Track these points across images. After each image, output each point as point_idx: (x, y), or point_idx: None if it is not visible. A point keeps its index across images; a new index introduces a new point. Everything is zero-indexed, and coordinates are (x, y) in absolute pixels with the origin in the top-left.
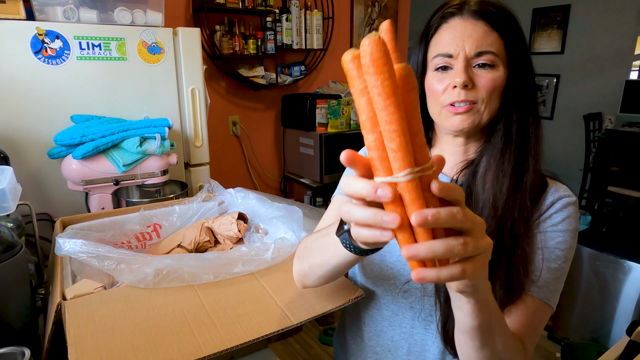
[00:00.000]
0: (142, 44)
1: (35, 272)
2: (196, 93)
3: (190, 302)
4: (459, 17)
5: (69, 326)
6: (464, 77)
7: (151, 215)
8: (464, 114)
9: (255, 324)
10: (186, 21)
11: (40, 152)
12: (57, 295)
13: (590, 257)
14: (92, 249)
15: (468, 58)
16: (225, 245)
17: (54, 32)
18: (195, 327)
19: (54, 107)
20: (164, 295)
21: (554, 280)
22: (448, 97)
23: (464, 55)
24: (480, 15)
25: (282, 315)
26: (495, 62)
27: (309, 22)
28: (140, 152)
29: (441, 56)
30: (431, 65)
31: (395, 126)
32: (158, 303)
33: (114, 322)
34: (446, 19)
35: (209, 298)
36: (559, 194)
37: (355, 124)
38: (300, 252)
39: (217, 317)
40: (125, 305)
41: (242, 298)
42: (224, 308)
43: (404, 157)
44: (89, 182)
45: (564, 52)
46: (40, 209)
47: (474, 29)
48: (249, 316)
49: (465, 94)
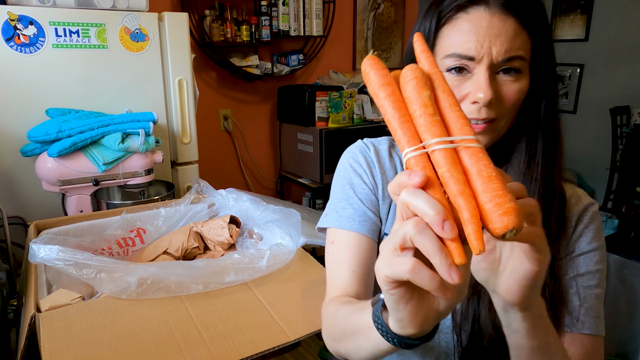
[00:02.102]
0: (125, 31)
1: (7, 281)
2: (184, 84)
3: (177, 314)
4: (484, 7)
5: (44, 341)
6: (490, 94)
7: (134, 218)
8: (480, 133)
9: (249, 339)
10: (172, 5)
11: (13, 149)
12: (30, 306)
13: (618, 265)
14: (70, 256)
15: (494, 64)
16: (215, 251)
17: (27, 18)
18: (183, 343)
19: (28, 99)
20: (149, 308)
21: (598, 306)
22: (464, 111)
23: (489, 60)
24: (511, 8)
25: (279, 331)
26: (523, 68)
27: (308, 7)
28: (122, 149)
29: (458, 57)
30: (441, 63)
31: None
32: (142, 316)
33: (93, 336)
34: (465, 8)
35: (198, 310)
36: (582, 204)
37: (358, 118)
38: (329, 327)
39: (207, 331)
40: (106, 318)
41: (235, 310)
42: (214, 322)
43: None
44: (65, 182)
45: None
46: (13, 212)
47: (504, 27)
48: (242, 331)
49: (487, 111)
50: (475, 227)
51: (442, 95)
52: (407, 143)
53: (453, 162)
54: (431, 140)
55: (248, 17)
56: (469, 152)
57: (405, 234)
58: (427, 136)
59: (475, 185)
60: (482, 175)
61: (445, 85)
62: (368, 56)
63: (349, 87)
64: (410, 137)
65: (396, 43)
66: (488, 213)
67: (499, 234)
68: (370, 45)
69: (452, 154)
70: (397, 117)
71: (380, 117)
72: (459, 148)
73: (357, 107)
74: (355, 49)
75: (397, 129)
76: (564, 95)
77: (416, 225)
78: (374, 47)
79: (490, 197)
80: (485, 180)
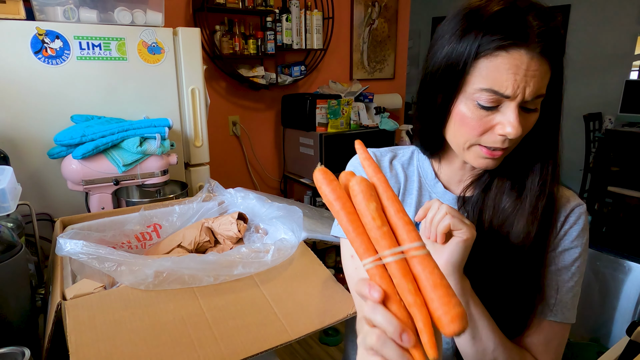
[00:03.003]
0: (142, 44)
1: (35, 272)
2: (196, 93)
3: (190, 309)
4: (524, 49)
5: (70, 332)
6: (520, 131)
7: (151, 215)
8: (495, 159)
9: (254, 337)
10: (186, 21)
11: (40, 152)
12: (57, 295)
13: (591, 257)
14: (93, 251)
15: (524, 102)
16: (225, 245)
17: (54, 32)
18: (196, 339)
19: (54, 107)
20: (165, 301)
21: (572, 298)
22: (488, 140)
23: (521, 99)
24: (547, 54)
25: (282, 329)
26: (540, 102)
27: (309, 22)
28: (140, 152)
29: (494, 93)
30: (471, 93)
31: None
32: (159, 309)
33: (115, 330)
34: (506, 48)
35: (210, 305)
36: (570, 204)
37: (355, 124)
38: None
39: (217, 328)
40: (127, 310)
41: (242, 307)
42: (224, 318)
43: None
44: (89, 182)
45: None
46: (40, 209)
47: (538, 70)
48: (249, 329)
49: (510, 142)
50: (429, 337)
51: (387, 202)
52: (364, 254)
53: (404, 273)
54: (384, 252)
55: (255, 32)
56: (417, 261)
57: (371, 345)
58: (380, 248)
59: (425, 292)
60: (429, 282)
61: (389, 191)
62: (318, 169)
63: (347, 96)
64: (365, 248)
65: (389, 55)
66: (439, 320)
67: (450, 335)
68: (366, 58)
69: (403, 264)
70: (351, 230)
71: (375, 123)
72: (408, 257)
73: (354, 114)
74: (352, 61)
75: (354, 240)
76: None
77: (378, 340)
78: (369, 59)
79: (438, 304)
80: (432, 288)
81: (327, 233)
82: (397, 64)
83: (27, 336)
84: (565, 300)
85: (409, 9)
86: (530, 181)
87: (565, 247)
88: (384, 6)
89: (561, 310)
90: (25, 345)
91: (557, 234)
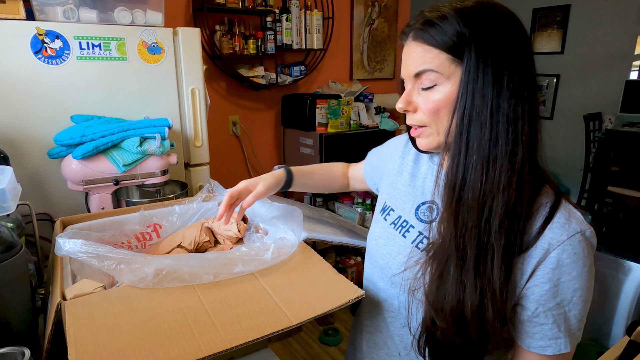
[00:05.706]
0: (142, 44)
1: (35, 272)
2: (196, 93)
3: (190, 302)
4: (405, 40)
5: (69, 326)
6: (401, 104)
7: (151, 215)
8: (418, 136)
9: (255, 324)
10: (186, 21)
11: (40, 152)
12: (57, 295)
13: None
14: (92, 249)
15: (409, 80)
16: (225, 245)
17: (54, 32)
18: (195, 328)
19: (54, 107)
20: (164, 296)
21: (579, 324)
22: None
23: (405, 77)
24: (416, 38)
25: (282, 316)
26: (436, 81)
27: (309, 22)
28: (140, 152)
29: (401, 80)
30: None
31: None
32: (158, 303)
33: (114, 322)
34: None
35: (209, 298)
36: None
37: (355, 123)
38: None
39: (217, 317)
40: (125, 305)
41: (242, 298)
42: (224, 308)
43: None
44: (88, 182)
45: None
46: (40, 209)
47: (408, 52)
48: (249, 316)
49: (409, 118)
50: None
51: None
52: None
53: None
54: None
55: (254, 32)
56: None
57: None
58: None
59: None
60: None
61: None
62: None
63: (347, 96)
64: None
65: (389, 55)
66: None
67: None
68: (365, 57)
69: None
70: None
71: (375, 123)
72: None
73: (354, 114)
74: (352, 61)
75: None
76: (542, 102)
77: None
78: (369, 59)
79: None
80: None
81: (327, 233)
82: (397, 63)
83: (27, 336)
84: (575, 328)
85: (409, 9)
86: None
87: (562, 279)
88: (384, 6)
89: (570, 338)
90: (25, 345)
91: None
